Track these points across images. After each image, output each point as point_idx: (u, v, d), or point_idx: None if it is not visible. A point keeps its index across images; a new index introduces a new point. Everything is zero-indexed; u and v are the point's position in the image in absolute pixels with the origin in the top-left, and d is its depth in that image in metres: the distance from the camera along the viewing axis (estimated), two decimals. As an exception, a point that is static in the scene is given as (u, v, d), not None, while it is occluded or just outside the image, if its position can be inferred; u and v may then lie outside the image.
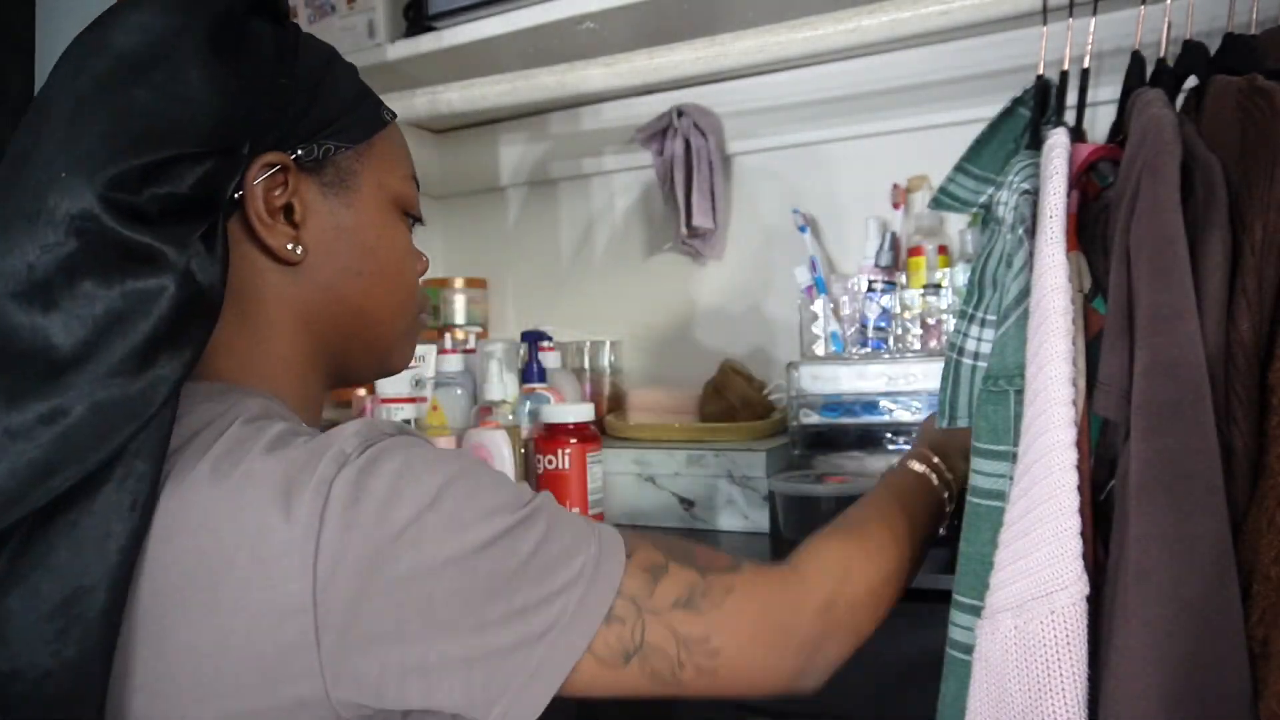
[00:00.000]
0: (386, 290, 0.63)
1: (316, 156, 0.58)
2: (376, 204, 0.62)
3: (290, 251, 0.57)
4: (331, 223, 0.59)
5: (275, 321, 0.58)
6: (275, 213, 0.57)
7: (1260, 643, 0.62)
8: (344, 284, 0.60)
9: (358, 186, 0.61)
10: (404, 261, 0.65)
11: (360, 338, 0.62)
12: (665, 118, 1.43)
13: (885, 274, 1.26)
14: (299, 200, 0.58)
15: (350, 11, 1.31)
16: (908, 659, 0.95)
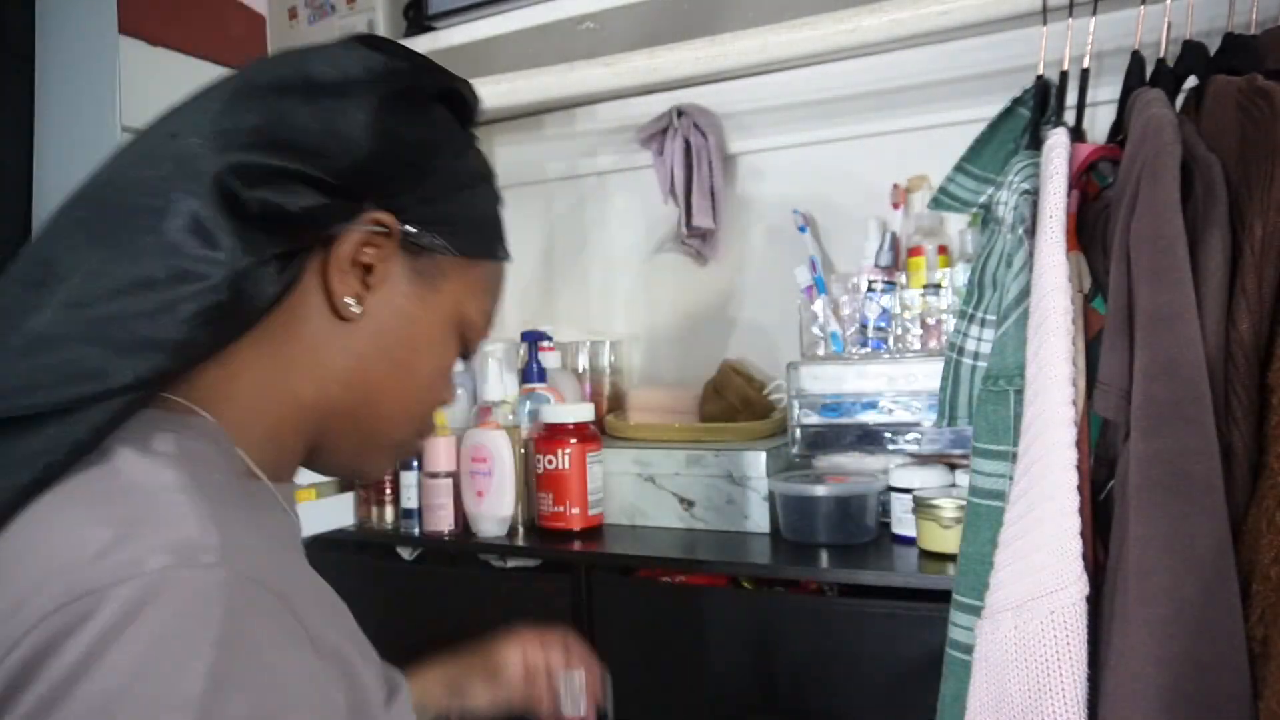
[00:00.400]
0: (407, 392, 0.62)
1: (422, 243, 0.58)
2: (446, 316, 0.61)
3: (347, 306, 0.56)
4: (400, 305, 0.59)
5: (296, 361, 0.56)
6: (356, 266, 0.56)
7: (1260, 642, 0.62)
8: (376, 365, 0.59)
9: (441, 289, 0.60)
10: (437, 379, 0.63)
11: (355, 421, 0.60)
12: (665, 118, 1.43)
13: (885, 274, 1.26)
14: (384, 267, 0.57)
15: (350, 11, 1.31)
16: (908, 659, 0.95)
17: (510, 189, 1.81)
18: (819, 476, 1.17)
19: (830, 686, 0.99)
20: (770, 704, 1.01)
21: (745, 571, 1.08)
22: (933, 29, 0.96)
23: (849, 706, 0.98)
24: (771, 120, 1.44)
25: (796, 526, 1.12)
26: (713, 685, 1.05)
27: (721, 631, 1.04)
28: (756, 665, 1.03)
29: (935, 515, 1.01)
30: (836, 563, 1.03)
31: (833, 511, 1.09)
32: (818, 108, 1.39)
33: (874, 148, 1.39)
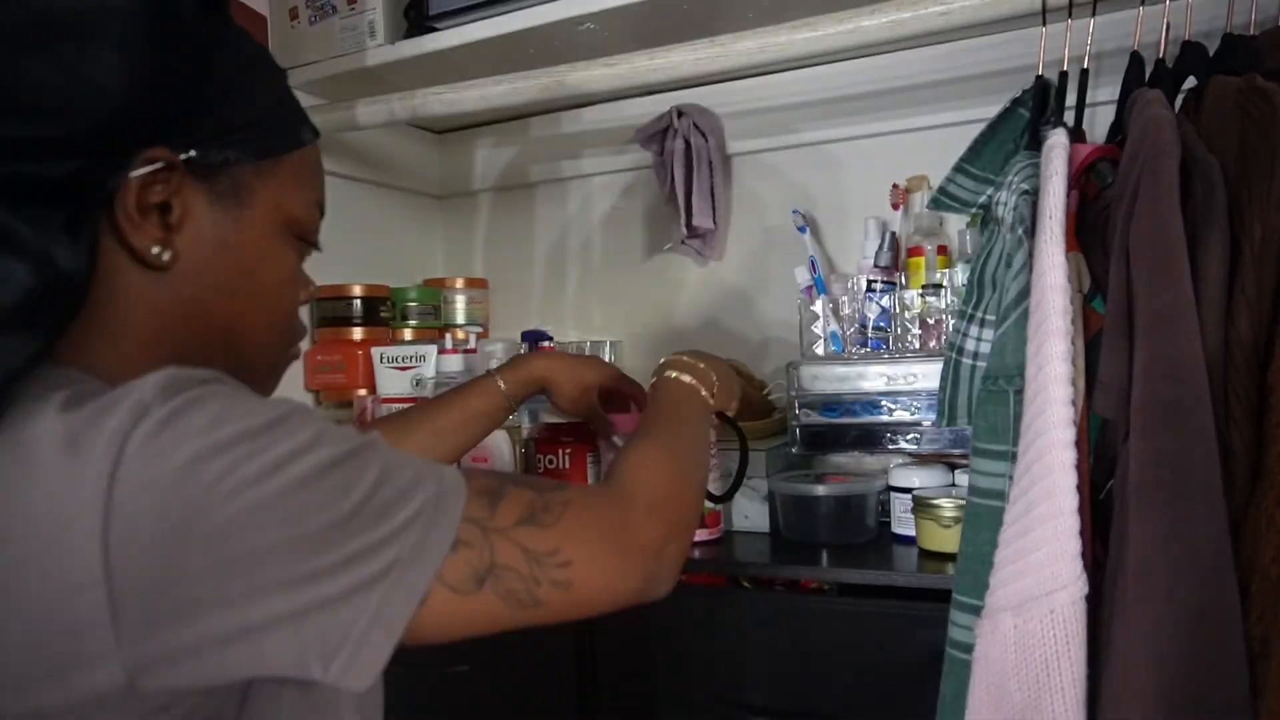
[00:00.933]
0: (258, 317, 0.59)
1: (211, 163, 0.54)
2: (268, 225, 0.58)
3: (154, 255, 0.52)
4: (212, 234, 0.55)
5: (130, 324, 0.53)
6: (147, 211, 0.52)
7: (1260, 641, 0.62)
8: (213, 301, 0.56)
9: (251, 203, 0.56)
10: (283, 290, 0.60)
11: (221, 361, 0.56)
12: (665, 118, 1.44)
13: (885, 274, 1.26)
14: (179, 203, 0.53)
15: (351, 11, 1.31)
16: (908, 659, 0.95)
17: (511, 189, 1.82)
18: (819, 476, 1.17)
19: (830, 686, 0.99)
20: (770, 704, 1.02)
21: (745, 571, 1.08)
22: (933, 29, 0.96)
23: (849, 706, 0.98)
24: (771, 120, 1.44)
25: (796, 526, 1.12)
26: (713, 685, 1.05)
27: (721, 631, 1.04)
28: (756, 665, 1.03)
29: (935, 515, 1.01)
30: (836, 563, 1.03)
31: (833, 511, 1.09)
32: (818, 108, 1.40)
33: (874, 148, 1.39)
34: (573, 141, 1.60)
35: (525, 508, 0.53)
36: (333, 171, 1.45)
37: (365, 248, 1.55)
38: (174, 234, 0.53)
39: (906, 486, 1.09)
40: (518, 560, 0.51)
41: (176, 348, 0.55)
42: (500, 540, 0.51)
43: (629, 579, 0.57)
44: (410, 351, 1.39)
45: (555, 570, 0.52)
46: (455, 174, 1.73)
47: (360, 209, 1.55)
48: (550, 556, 0.52)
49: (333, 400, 1.43)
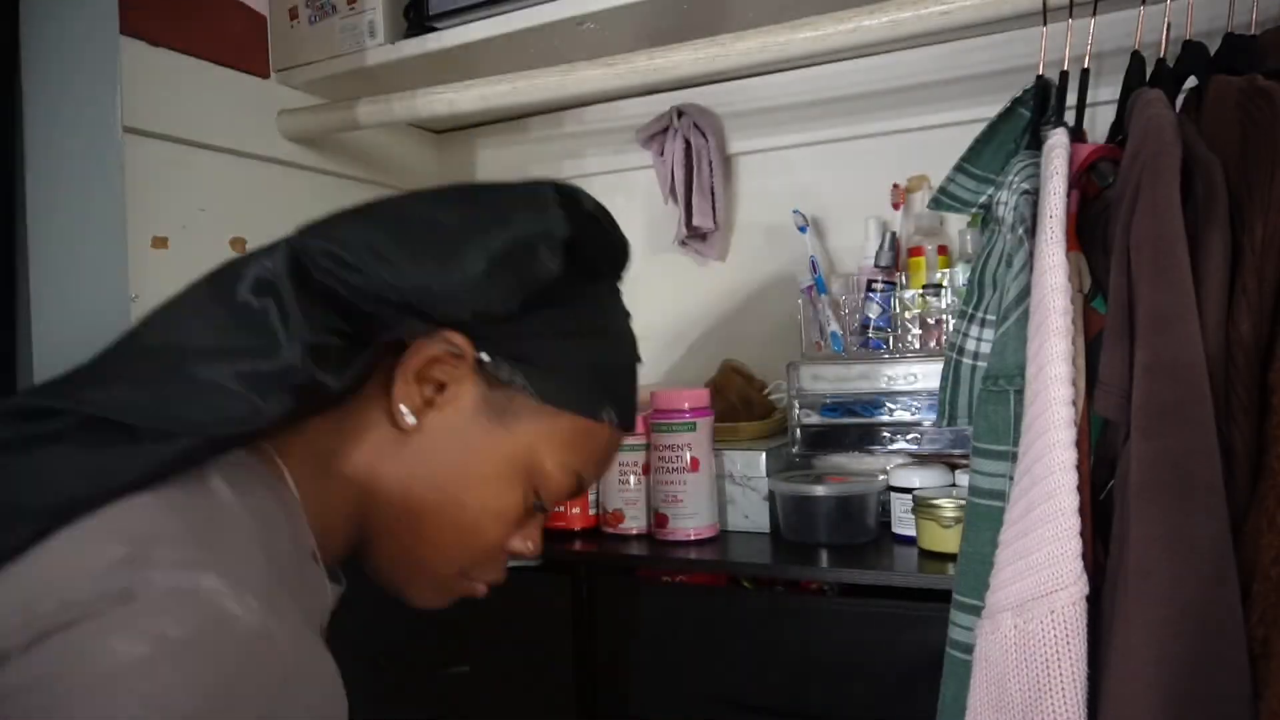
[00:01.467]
0: (450, 527, 0.58)
1: (500, 375, 0.57)
2: (511, 456, 0.58)
3: (402, 414, 0.55)
4: (461, 428, 0.57)
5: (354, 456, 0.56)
6: (424, 380, 0.56)
7: (1260, 643, 0.62)
8: (423, 481, 0.57)
9: (512, 429, 0.58)
10: (489, 519, 0.59)
11: (394, 536, 0.58)
12: (665, 118, 1.43)
13: (885, 274, 1.26)
14: (453, 389, 0.57)
15: (350, 11, 1.31)
16: (908, 659, 0.95)
17: (510, 189, 1.78)
18: (819, 476, 1.17)
19: (830, 686, 0.99)
20: (770, 704, 1.02)
21: (745, 571, 1.08)
22: (933, 29, 0.95)
23: (849, 706, 0.98)
24: (771, 120, 1.44)
25: (796, 526, 1.12)
26: (713, 685, 1.05)
27: (721, 631, 1.04)
28: (756, 665, 1.03)
29: (935, 515, 1.01)
30: (836, 563, 1.03)
31: (833, 511, 1.09)
32: (818, 108, 1.40)
33: (874, 148, 1.39)
34: (573, 141, 1.60)
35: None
36: (331, 171, 1.45)
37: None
38: (433, 410, 0.56)
39: (907, 487, 1.09)
40: None
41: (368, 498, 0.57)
42: None
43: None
44: (410, 351, 1.38)
45: None
46: (455, 174, 1.73)
47: (360, 209, 1.55)
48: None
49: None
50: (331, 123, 1.30)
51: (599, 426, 0.62)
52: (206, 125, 1.23)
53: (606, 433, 0.63)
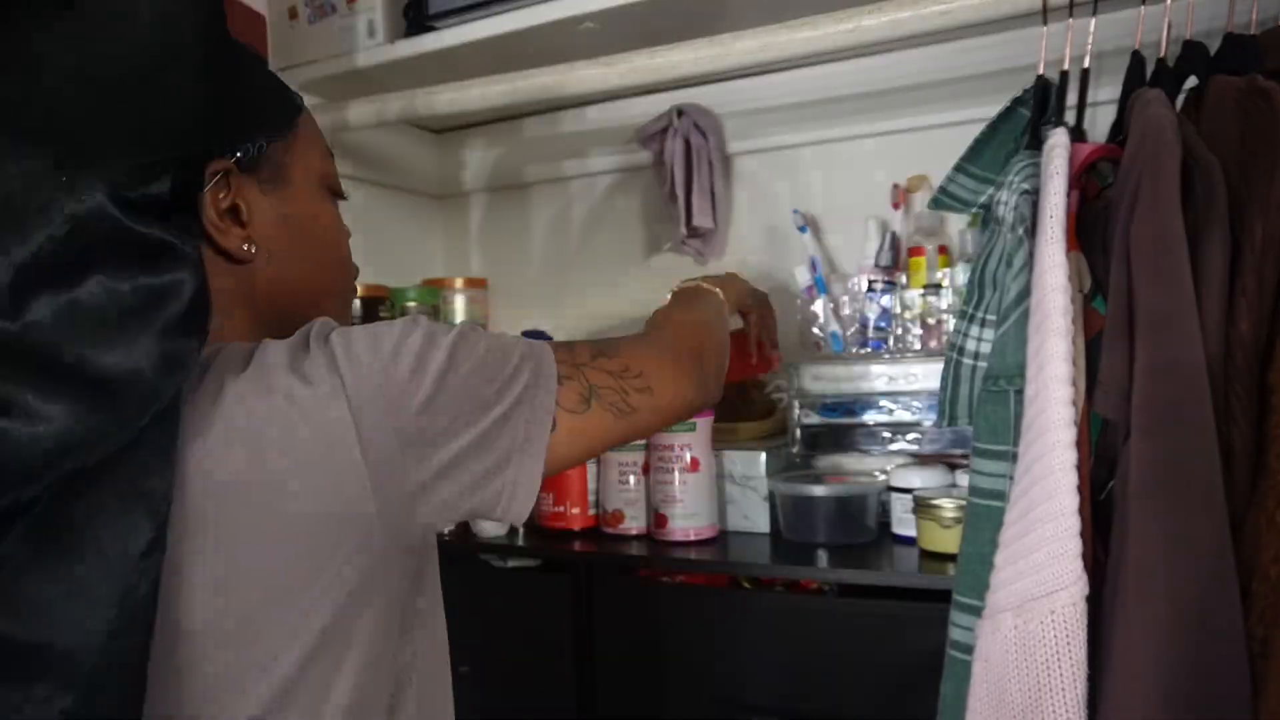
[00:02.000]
0: (328, 270, 0.68)
1: (252, 155, 0.61)
2: (308, 191, 0.66)
3: (245, 251, 0.60)
4: (273, 217, 0.62)
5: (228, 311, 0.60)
6: (224, 216, 0.59)
7: (1260, 642, 0.62)
8: (292, 272, 0.64)
9: (290, 178, 0.64)
10: (338, 240, 0.70)
11: (302, 315, 0.63)
12: (665, 118, 1.43)
13: (885, 274, 1.26)
14: (243, 201, 0.60)
15: (350, 11, 1.31)
16: (908, 659, 0.95)
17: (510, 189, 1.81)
18: (819, 476, 1.17)
19: (830, 686, 0.99)
20: (770, 704, 1.02)
21: (745, 571, 1.08)
22: (933, 29, 0.95)
23: (849, 706, 0.98)
24: (771, 120, 1.44)
25: (796, 526, 1.12)
26: (713, 685, 1.05)
27: (721, 631, 1.04)
28: (756, 665, 1.03)
29: (935, 515, 1.01)
30: (836, 563, 1.03)
31: (833, 511, 1.09)
32: (818, 108, 1.39)
33: (874, 148, 1.39)
34: (573, 141, 1.60)
35: (592, 349, 0.66)
36: (332, 171, 1.45)
37: (364, 247, 1.55)
38: (249, 228, 0.61)
39: (907, 487, 1.09)
40: (607, 380, 0.64)
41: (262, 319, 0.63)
42: (590, 370, 0.64)
43: (688, 382, 0.72)
44: (410, 351, 1.38)
45: (635, 380, 0.66)
46: (454, 173, 1.73)
47: (359, 209, 1.54)
48: (627, 372, 0.66)
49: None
50: (331, 122, 1.30)
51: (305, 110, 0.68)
52: (206, 125, 1.22)
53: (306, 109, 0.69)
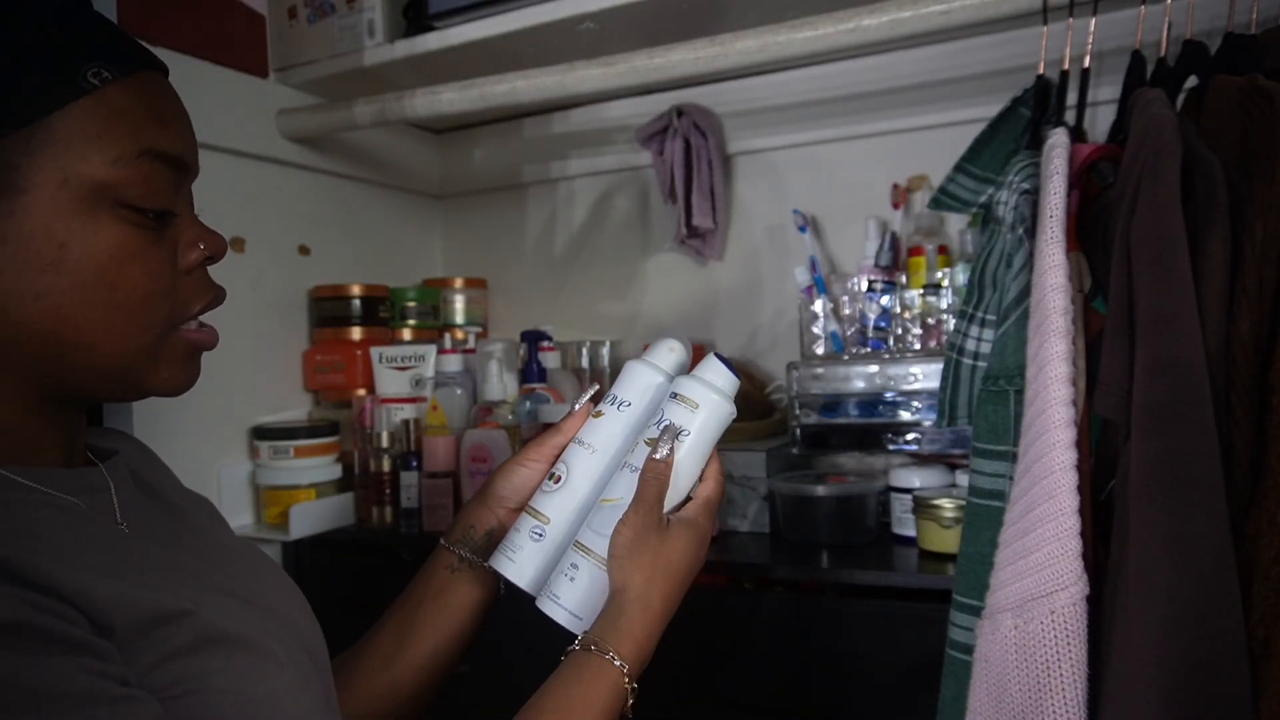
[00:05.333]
0: (88, 313, 0.48)
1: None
2: (58, 206, 0.47)
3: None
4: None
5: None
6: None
7: (1260, 643, 0.61)
8: (20, 310, 0.47)
9: (22, 186, 0.46)
10: (115, 273, 0.48)
11: (69, 367, 0.49)
12: (665, 118, 1.43)
13: (885, 274, 1.26)
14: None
15: (350, 11, 1.31)
16: (908, 659, 0.95)
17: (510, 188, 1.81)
18: (819, 476, 1.17)
19: (830, 686, 0.99)
20: (770, 704, 1.01)
21: (745, 571, 1.08)
22: (933, 29, 0.95)
23: (849, 706, 0.98)
24: (771, 120, 1.44)
25: (796, 526, 1.12)
26: (713, 685, 1.05)
27: (721, 631, 1.04)
28: (756, 665, 1.03)
29: (935, 515, 1.01)
30: (836, 563, 1.03)
31: (833, 511, 1.09)
32: (818, 108, 1.39)
33: (874, 148, 1.39)
34: (572, 141, 1.60)
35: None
36: (331, 171, 1.45)
37: (364, 247, 1.55)
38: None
39: (907, 487, 1.09)
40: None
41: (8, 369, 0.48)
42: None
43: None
44: (409, 351, 1.38)
45: None
46: (454, 173, 1.73)
47: (359, 209, 1.55)
48: None
49: (332, 400, 1.43)
50: (330, 122, 1.30)
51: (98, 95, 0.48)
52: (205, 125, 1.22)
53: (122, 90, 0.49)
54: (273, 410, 1.35)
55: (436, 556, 0.74)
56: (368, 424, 1.34)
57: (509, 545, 0.69)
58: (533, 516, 0.70)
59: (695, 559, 0.67)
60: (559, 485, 0.70)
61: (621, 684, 0.60)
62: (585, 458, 0.70)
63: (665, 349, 0.72)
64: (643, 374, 0.71)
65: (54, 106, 0.46)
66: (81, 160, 0.47)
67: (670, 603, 0.65)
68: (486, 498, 0.75)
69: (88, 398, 0.52)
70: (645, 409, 0.70)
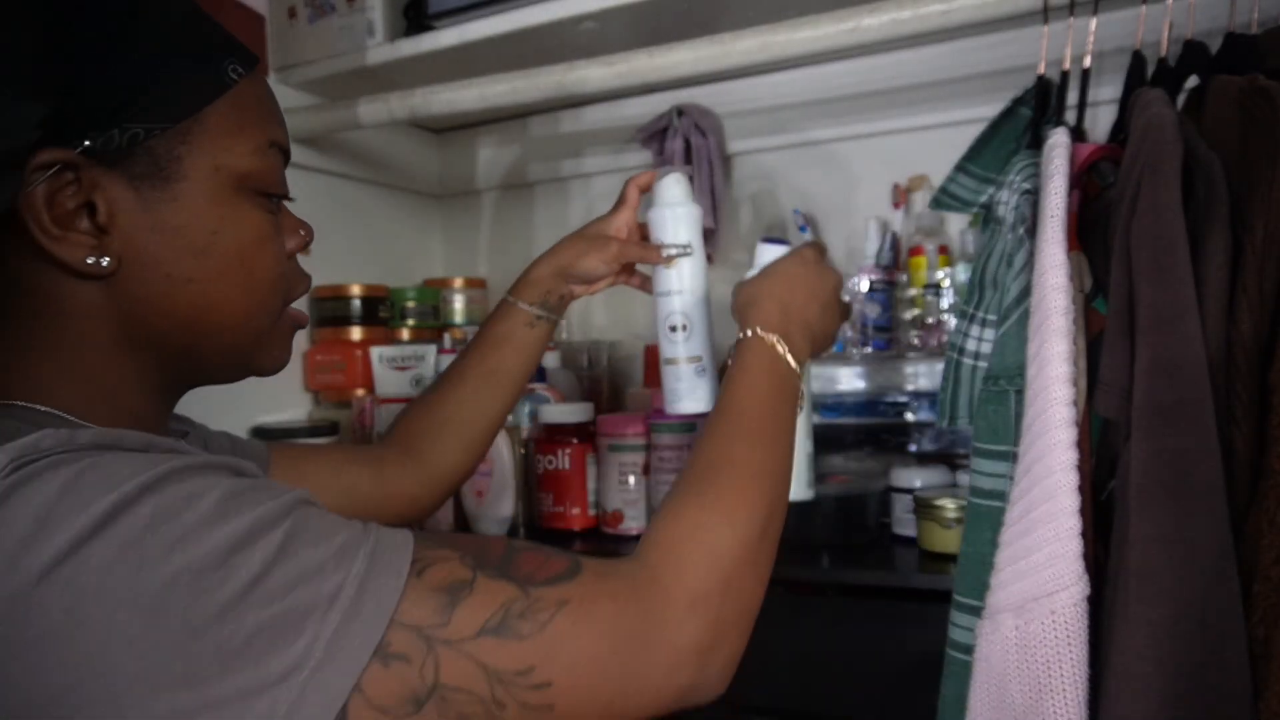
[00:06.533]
0: (230, 295, 0.51)
1: (117, 146, 0.46)
2: (211, 194, 0.50)
3: (92, 265, 0.46)
4: (148, 223, 0.48)
5: (84, 338, 0.48)
6: (67, 220, 0.46)
7: (1261, 643, 0.61)
8: (171, 295, 0.49)
9: (182, 175, 0.49)
10: (255, 257, 0.52)
11: (203, 349, 0.52)
12: (665, 117, 1.43)
13: (885, 274, 1.26)
14: (102, 200, 0.46)
15: (350, 11, 1.31)
16: (908, 659, 0.95)
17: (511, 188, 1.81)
18: (819, 477, 1.17)
19: (830, 686, 0.99)
20: (770, 704, 1.01)
21: (745, 572, 1.08)
22: (933, 29, 0.95)
23: (849, 706, 0.98)
24: (772, 120, 1.43)
25: (796, 526, 1.11)
26: (713, 685, 1.05)
27: (721, 632, 1.04)
28: (756, 665, 1.02)
29: (936, 515, 1.01)
30: (836, 563, 1.02)
31: (833, 511, 1.09)
32: (818, 108, 1.39)
33: (874, 148, 1.39)
34: (572, 141, 1.60)
35: (497, 610, 0.42)
36: (331, 171, 1.45)
37: (364, 247, 1.55)
38: (109, 236, 0.47)
39: (907, 487, 1.09)
40: (474, 680, 0.41)
41: (146, 350, 0.50)
42: (450, 654, 0.41)
43: (647, 697, 0.47)
44: (409, 351, 1.38)
45: (529, 693, 0.42)
46: (454, 173, 1.73)
47: (359, 208, 1.55)
48: (522, 677, 0.42)
49: (332, 400, 1.43)
50: (330, 122, 1.30)
51: (239, 89, 0.51)
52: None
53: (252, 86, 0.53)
54: (273, 410, 1.35)
55: (512, 315, 0.89)
56: (368, 424, 1.34)
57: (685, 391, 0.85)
58: (688, 362, 0.85)
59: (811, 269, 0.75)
60: (688, 331, 0.85)
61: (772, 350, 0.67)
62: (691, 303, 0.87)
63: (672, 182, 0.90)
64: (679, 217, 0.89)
65: (207, 101, 0.50)
66: (227, 151, 0.51)
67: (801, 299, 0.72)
68: (562, 271, 0.91)
69: (205, 380, 0.56)
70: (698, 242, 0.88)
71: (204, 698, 0.36)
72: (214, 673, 0.37)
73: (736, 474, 0.58)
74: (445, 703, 0.41)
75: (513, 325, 0.88)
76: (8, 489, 0.37)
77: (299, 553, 0.40)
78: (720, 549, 0.53)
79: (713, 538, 0.53)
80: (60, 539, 0.36)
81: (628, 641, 0.46)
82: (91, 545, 0.36)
